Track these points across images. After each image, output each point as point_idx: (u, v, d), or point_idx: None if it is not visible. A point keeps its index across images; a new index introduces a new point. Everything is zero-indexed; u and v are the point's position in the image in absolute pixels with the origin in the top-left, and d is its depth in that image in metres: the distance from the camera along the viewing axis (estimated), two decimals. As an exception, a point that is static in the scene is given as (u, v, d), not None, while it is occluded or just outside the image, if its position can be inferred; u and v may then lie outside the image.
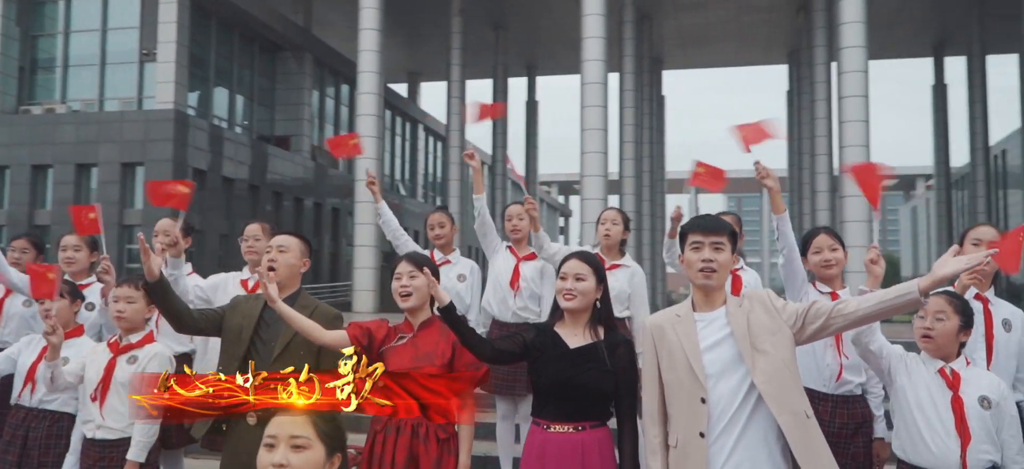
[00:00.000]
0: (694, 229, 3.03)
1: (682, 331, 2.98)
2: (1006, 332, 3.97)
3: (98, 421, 4.01)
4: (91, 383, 4.06)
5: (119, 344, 4.14)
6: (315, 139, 30.65)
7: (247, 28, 27.09)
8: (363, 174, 20.20)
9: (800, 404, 2.83)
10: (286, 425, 1.97)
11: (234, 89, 27.15)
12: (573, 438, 3.20)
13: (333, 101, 32.60)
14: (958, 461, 3.22)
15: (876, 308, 2.84)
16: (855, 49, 17.57)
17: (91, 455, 4.01)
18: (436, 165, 43.56)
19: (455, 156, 28.22)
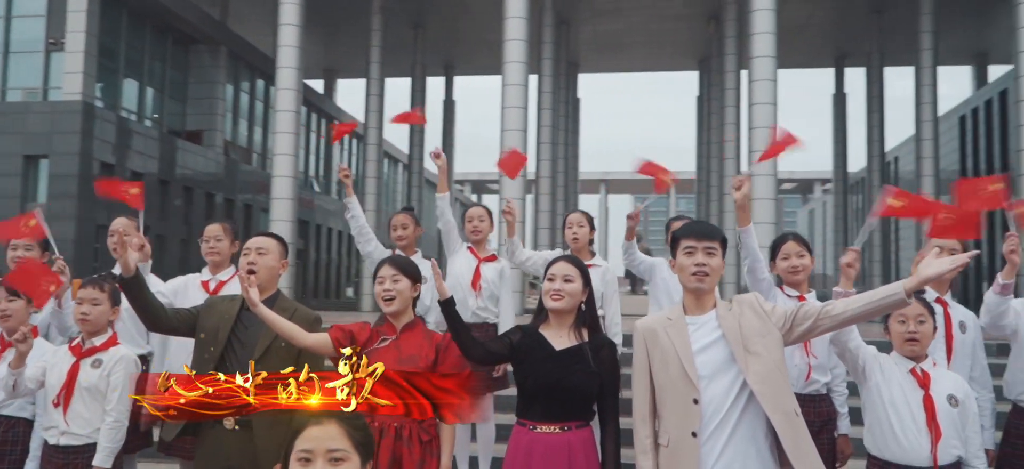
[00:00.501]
0: (687, 235, 3.16)
1: (674, 334, 3.10)
2: (962, 333, 4.27)
3: (62, 427, 3.92)
4: (53, 388, 3.95)
5: (82, 347, 4.03)
6: (228, 134, 30.06)
7: (160, 19, 26.37)
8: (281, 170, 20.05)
9: (790, 404, 3.00)
10: (323, 439, 1.93)
11: (145, 81, 26.39)
12: (560, 438, 3.29)
13: (248, 96, 31.99)
14: (929, 456, 3.40)
15: (863, 309, 2.98)
16: (765, 59, 18.32)
17: (55, 461, 3.92)
18: (351, 163, 43.18)
19: (373, 154, 28.07)
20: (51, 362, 4.05)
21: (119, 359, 4.04)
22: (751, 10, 18.77)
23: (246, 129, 32.02)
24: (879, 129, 30.42)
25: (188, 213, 26.43)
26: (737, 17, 26.35)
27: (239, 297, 3.82)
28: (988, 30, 30.89)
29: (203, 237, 5.05)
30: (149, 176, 24.50)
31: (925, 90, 25.58)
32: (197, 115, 28.85)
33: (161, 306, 3.82)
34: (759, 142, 18.47)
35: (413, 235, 5.75)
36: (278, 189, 20.21)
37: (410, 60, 32.54)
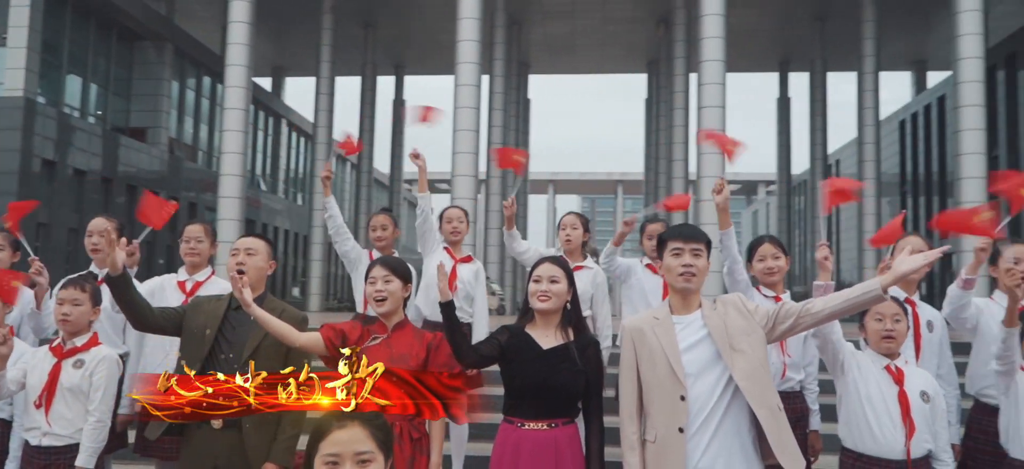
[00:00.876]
0: (674, 237, 3.25)
1: (662, 333, 3.19)
2: (930, 332, 4.40)
3: (44, 428, 3.89)
4: (34, 389, 3.92)
5: (63, 348, 4.00)
6: (173, 131, 29.49)
7: (105, 15, 25.77)
8: (229, 168, 19.75)
9: (774, 399, 3.12)
10: (349, 443, 1.93)
11: (89, 78, 25.75)
12: (547, 435, 3.37)
13: (194, 93, 31.44)
14: (903, 449, 3.52)
15: (842, 306, 3.09)
16: (714, 63, 18.61)
17: (37, 462, 3.90)
18: (299, 161, 42.72)
19: (322, 153, 27.82)
20: (31, 363, 4.02)
21: (101, 359, 4.02)
22: (700, 15, 19.05)
23: (192, 126, 31.46)
24: (822, 132, 31.08)
25: (131, 212, 25.85)
26: (686, 21, 26.71)
27: (226, 297, 3.88)
28: (927, 38, 31.83)
29: (184, 237, 5.01)
30: (92, 174, 23.96)
31: (867, 95, 26.23)
32: (141, 112, 28.24)
33: (147, 304, 3.82)
34: (709, 145, 18.77)
35: (392, 236, 5.86)
36: (226, 188, 19.91)
37: (360, 59, 32.33)
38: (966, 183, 17.86)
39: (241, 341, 3.76)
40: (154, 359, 4.71)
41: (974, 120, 17.91)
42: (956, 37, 18.28)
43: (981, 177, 17.87)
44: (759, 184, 74.04)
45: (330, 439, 1.94)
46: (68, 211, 22.97)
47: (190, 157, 31.01)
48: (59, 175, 22.51)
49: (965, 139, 17.98)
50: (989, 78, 28.42)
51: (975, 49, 17.99)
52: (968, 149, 17.93)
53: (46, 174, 22.11)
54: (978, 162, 17.89)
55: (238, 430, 3.62)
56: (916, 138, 34.82)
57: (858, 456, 3.66)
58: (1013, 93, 27.49)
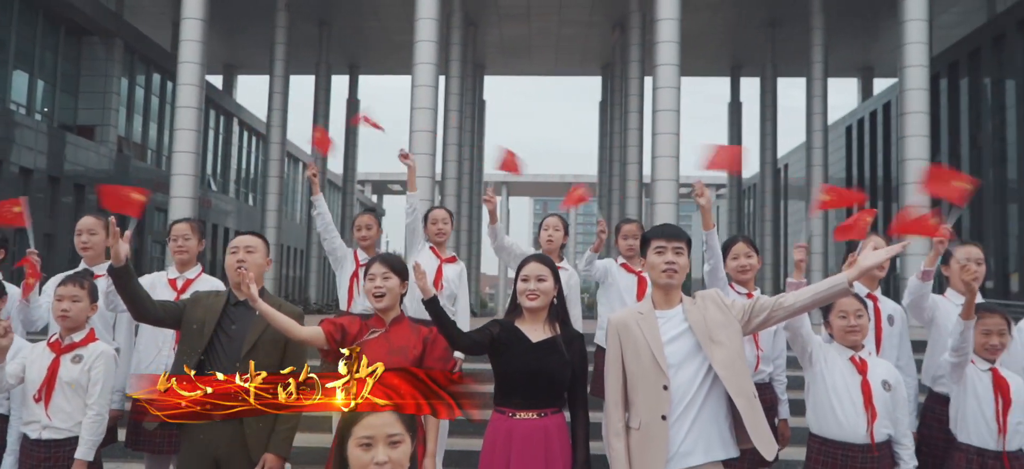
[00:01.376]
0: (657, 236, 3.47)
1: (645, 326, 3.39)
2: (890, 326, 4.72)
3: (44, 422, 3.97)
4: (33, 384, 3.99)
5: (61, 343, 4.08)
6: (122, 130, 28.91)
7: (52, 9, 25.18)
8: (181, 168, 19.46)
9: (750, 388, 3.35)
10: (382, 426, 2.13)
11: (35, 74, 25.14)
12: (537, 424, 3.54)
13: (143, 90, 30.84)
14: (866, 434, 3.79)
15: (811, 299, 3.36)
16: (669, 67, 18.86)
17: (36, 455, 3.97)
18: (250, 161, 42.18)
19: (276, 153, 27.54)
20: (30, 358, 4.10)
21: (99, 354, 4.10)
22: (655, 19, 19.30)
23: (141, 124, 30.86)
24: (772, 137, 31.63)
25: (79, 211, 25.31)
26: (641, 25, 27.00)
27: (224, 292, 4.06)
28: (874, 45, 32.61)
29: (171, 235, 5.07)
30: (38, 172, 23.41)
31: (816, 101, 26.78)
32: (89, 109, 27.65)
33: (148, 296, 3.92)
34: (662, 148, 19.03)
35: (375, 235, 6.02)
36: (178, 187, 19.61)
37: (314, 58, 32.08)
38: (912, 188, 18.35)
39: (240, 335, 3.90)
40: (147, 355, 4.81)
41: (918, 127, 18.41)
42: (902, 45, 18.79)
43: (925, 182, 18.37)
44: (709, 188, 75.11)
45: (364, 423, 2.13)
46: (13, 210, 22.37)
47: (139, 156, 30.44)
48: (5, 174, 21.94)
49: (910, 145, 18.48)
50: (933, 86, 29.27)
51: (920, 57, 18.50)
52: (913, 155, 18.43)
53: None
54: (922, 168, 18.39)
55: (238, 422, 3.72)
56: (863, 143, 35.61)
57: (824, 441, 3.91)
58: (955, 101, 28.30)
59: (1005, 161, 25.02)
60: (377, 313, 3.87)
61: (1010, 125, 24.77)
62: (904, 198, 18.56)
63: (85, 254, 5.07)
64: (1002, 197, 25.23)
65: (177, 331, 4.10)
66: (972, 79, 27.30)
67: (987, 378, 4.14)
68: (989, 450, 4.07)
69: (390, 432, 2.13)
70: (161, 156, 32.26)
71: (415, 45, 19.74)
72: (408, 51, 20.79)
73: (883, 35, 30.20)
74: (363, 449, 2.13)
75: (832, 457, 3.88)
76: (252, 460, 3.81)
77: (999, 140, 25.39)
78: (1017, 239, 24.32)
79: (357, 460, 2.13)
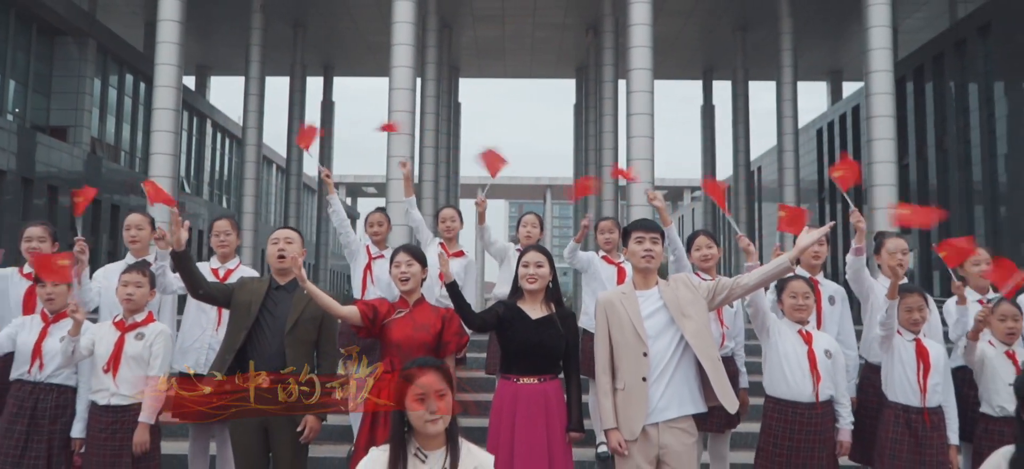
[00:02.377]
0: (637, 229, 4.23)
1: (628, 304, 4.11)
2: (831, 306, 5.55)
3: (111, 390, 4.65)
4: (102, 357, 4.66)
5: (125, 323, 4.77)
6: (95, 130, 28.76)
7: (24, 8, 25.03)
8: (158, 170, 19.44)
9: (715, 353, 4.11)
10: (432, 383, 2.79)
11: (7, 74, 24.97)
12: (538, 388, 4.26)
13: (116, 91, 30.69)
14: (811, 393, 4.65)
15: (762, 278, 4.18)
16: (642, 71, 19.14)
17: (103, 420, 4.63)
18: (224, 163, 42.04)
19: (252, 155, 27.51)
20: (98, 335, 4.74)
21: (159, 333, 4.80)
22: (628, 24, 19.58)
23: (114, 125, 30.69)
24: (744, 139, 32.09)
25: (52, 213, 25.17)
26: (615, 29, 27.31)
27: (266, 278, 4.76)
28: (842, 50, 33.21)
29: (213, 231, 5.86)
30: (10, 174, 23.26)
31: (786, 104, 27.25)
32: (62, 110, 27.49)
33: (203, 277, 4.72)
34: (637, 150, 19.33)
35: (386, 231, 6.76)
36: (155, 189, 19.59)
37: (289, 59, 32.08)
38: (878, 190, 18.78)
39: (283, 315, 4.54)
40: (191, 335, 5.57)
41: (884, 130, 18.84)
42: (867, 51, 19.21)
43: (892, 184, 18.84)
44: (685, 190, 75.68)
45: (419, 382, 2.80)
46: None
47: (113, 157, 30.29)
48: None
49: (877, 148, 18.91)
50: (899, 89, 29.86)
51: (884, 63, 18.93)
52: (880, 158, 18.86)
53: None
54: (889, 170, 18.84)
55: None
56: (832, 145, 36.21)
57: (778, 401, 4.77)
58: (921, 104, 28.92)
59: (969, 163, 25.63)
60: (402, 295, 4.55)
61: (973, 128, 25.38)
62: (873, 201, 18.97)
63: (133, 247, 5.75)
64: (967, 198, 25.84)
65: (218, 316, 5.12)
66: (936, 83, 27.93)
67: (911, 347, 4.91)
68: (913, 406, 4.85)
69: (437, 387, 2.79)
70: (135, 157, 32.11)
71: (392, 49, 19.88)
72: (382, 52, 20.93)
73: (851, 39, 30.78)
74: (418, 401, 2.77)
75: (784, 413, 4.71)
76: (295, 422, 4.39)
77: (964, 143, 26.01)
78: (983, 239, 24.92)
79: (415, 412, 2.77)
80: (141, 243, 5.71)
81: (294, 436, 4.43)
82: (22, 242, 5.37)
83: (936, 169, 27.88)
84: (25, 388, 4.80)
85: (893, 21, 19.17)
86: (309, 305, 4.52)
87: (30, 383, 4.80)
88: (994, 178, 24.26)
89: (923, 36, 30.21)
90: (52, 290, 4.84)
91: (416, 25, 20.55)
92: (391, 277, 4.63)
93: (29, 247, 5.33)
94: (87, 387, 4.79)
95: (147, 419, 4.61)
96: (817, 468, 4.63)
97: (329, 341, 4.68)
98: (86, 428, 4.73)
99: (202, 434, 5.53)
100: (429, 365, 2.87)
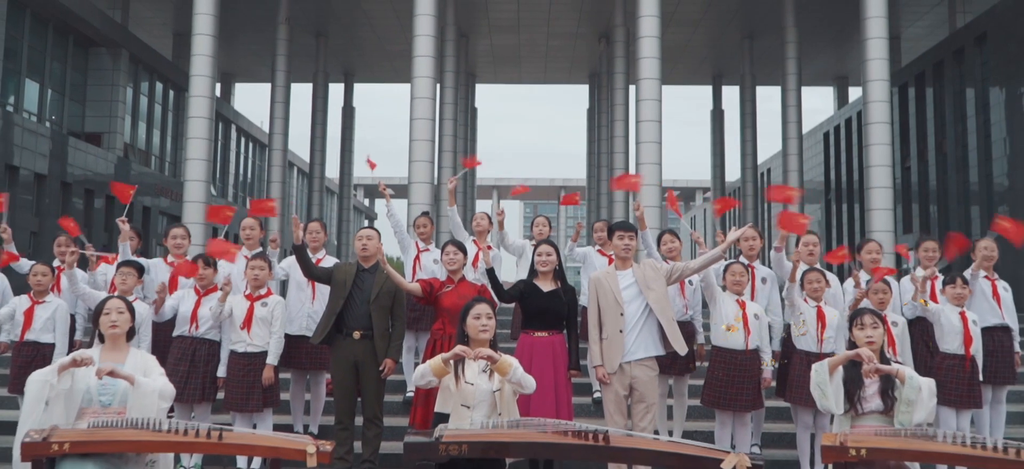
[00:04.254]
0: (619, 228, 6.13)
1: (610, 280, 6.01)
2: (763, 284, 7.41)
3: (247, 341, 6.65)
4: (239, 319, 6.66)
5: (253, 296, 6.76)
6: (127, 136, 30.07)
7: (61, 22, 26.36)
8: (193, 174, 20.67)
9: (670, 314, 6.01)
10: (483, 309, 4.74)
11: (46, 83, 26.30)
12: (548, 339, 6.03)
13: (147, 98, 32.01)
14: (743, 344, 6.60)
15: (702, 264, 6.21)
16: (650, 81, 20.15)
17: (240, 362, 6.63)
18: (247, 166, 43.33)
19: (278, 159, 28.73)
20: (235, 303, 6.69)
21: (277, 302, 6.80)
22: (638, 36, 20.62)
23: (145, 130, 32.00)
24: (752, 143, 33.06)
25: (88, 214, 26.44)
26: (625, 38, 28.34)
27: (354, 263, 6.66)
28: (847, 56, 34.10)
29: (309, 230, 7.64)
30: (52, 178, 24.55)
31: (790, 110, 28.21)
32: (96, 117, 28.81)
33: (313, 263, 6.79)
34: (645, 156, 20.35)
35: (431, 230, 8.57)
36: (191, 193, 20.82)
37: (312, 68, 33.32)
38: (875, 192, 19.77)
39: (367, 289, 6.45)
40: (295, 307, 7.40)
41: (881, 136, 19.83)
42: (865, 61, 20.21)
43: (888, 187, 19.83)
44: (697, 191, 76.66)
45: (475, 309, 4.73)
46: (28, 214, 23.56)
47: (144, 162, 31.59)
48: (20, 179, 23.09)
49: (873, 153, 19.90)
50: (902, 95, 30.74)
51: (881, 72, 19.92)
52: (876, 162, 19.84)
53: (9, 179, 22.71)
54: (885, 173, 19.82)
55: (370, 339, 6.40)
56: (838, 148, 37.07)
57: (719, 348, 6.70)
58: (922, 109, 29.80)
59: (967, 166, 26.52)
60: (449, 275, 6.65)
61: (970, 132, 26.28)
62: (870, 202, 19.94)
63: (248, 243, 7.76)
64: (965, 199, 26.72)
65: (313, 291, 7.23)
66: (936, 89, 28.81)
67: (814, 312, 6.71)
68: (813, 351, 6.59)
69: (487, 311, 4.74)
70: (164, 161, 33.41)
71: (414, 60, 20.93)
72: (401, 59, 22.08)
73: (855, 47, 31.65)
74: (475, 319, 4.70)
75: (723, 357, 6.65)
76: (378, 363, 6.36)
77: (961, 146, 26.89)
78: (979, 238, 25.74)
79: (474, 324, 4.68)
80: (253, 240, 7.76)
81: (377, 374, 6.40)
82: (169, 239, 7.68)
83: (936, 171, 28.78)
84: (185, 342, 6.76)
85: (896, 29, 20.15)
86: (386, 282, 6.42)
87: (189, 338, 6.77)
88: (990, 179, 25.15)
89: (925, 43, 31.09)
90: (203, 271, 6.82)
91: (436, 37, 21.64)
92: (442, 261, 6.70)
93: (176, 242, 7.60)
94: (228, 340, 6.76)
95: (272, 361, 6.61)
96: (746, 397, 6.53)
97: (400, 307, 6.60)
98: (227, 369, 6.65)
99: (300, 377, 7.57)
100: (481, 301, 4.83)
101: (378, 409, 6.47)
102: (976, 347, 6.94)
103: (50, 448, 3.79)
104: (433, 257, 8.18)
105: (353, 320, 6.37)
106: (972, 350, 6.91)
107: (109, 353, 4.52)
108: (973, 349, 6.91)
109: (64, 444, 3.81)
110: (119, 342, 4.60)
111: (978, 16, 26.09)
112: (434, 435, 4.03)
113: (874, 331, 4.72)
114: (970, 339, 6.92)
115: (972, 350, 6.91)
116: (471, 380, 4.57)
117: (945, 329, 7.02)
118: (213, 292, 6.77)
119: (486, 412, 4.52)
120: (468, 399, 4.54)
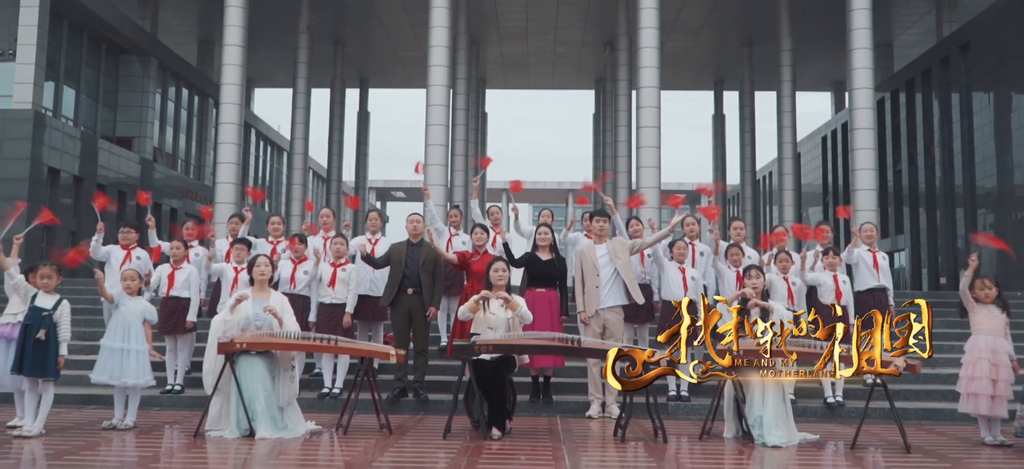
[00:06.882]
0: (595, 215, 8.75)
1: (590, 251, 8.10)
2: (701, 257, 9.68)
3: (331, 296, 8.92)
4: (325, 279, 8.94)
5: (335, 263, 9.04)
6: (156, 140, 31.62)
7: (95, 31, 27.93)
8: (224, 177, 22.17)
9: (631, 275, 8.26)
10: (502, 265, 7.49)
11: (81, 90, 27.88)
12: (545, 294, 8.50)
13: (173, 104, 33.58)
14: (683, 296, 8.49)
15: (654, 240, 8.92)
16: (651, 89, 21.53)
17: (326, 312, 8.90)
18: (266, 169, 44.87)
19: (299, 162, 30.23)
20: (322, 268, 9.02)
21: (353, 268, 9.01)
22: (639, 47, 22.03)
23: (172, 135, 33.54)
24: (751, 148, 34.41)
25: (120, 213, 27.92)
26: (629, 46, 29.70)
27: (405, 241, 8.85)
28: (843, 63, 35.14)
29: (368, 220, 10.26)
30: (87, 181, 26.08)
31: (786, 116, 29.55)
32: (127, 122, 30.36)
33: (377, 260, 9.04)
34: (645, 160, 21.75)
35: (460, 220, 10.80)
36: (221, 194, 22.35)
37: (329, 74, 34.85)
38: (860, 194, 21.15)
39: (417, 258, 8.66)
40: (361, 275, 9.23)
41: (866, 141, 21.22)
42: (850, 71, 21.61)
43: (872, 189, 21.22)
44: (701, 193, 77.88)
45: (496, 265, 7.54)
46: (67, 215, 25.10)
47: (171, 165, 33.14)
48: (60, 181, 24.66)
49: (859, 157, 21.29)
50: (894, 101, 32.02)
51: (865, 81, 21.32)
52: (861, 166, 21.23)
53: (50, 181, 24.30)
54: (870, 176, 21.20)
55: (420, 294, 8.63)
56: (835, 152, 38.34)
57: (666, 302, 8.94)
58: (912, 114, 31.10)
59: (952, 169, 27.84)
60: (477, 248, 9.28)
61: (955, 137, 27.62)
62: (857, 203, 21.29)
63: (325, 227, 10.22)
64: (951, 201, 28.04)
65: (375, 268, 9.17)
66: (924, 95, 30.13)
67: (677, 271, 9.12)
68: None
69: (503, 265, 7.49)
70: (189, 164, 34.99)
71: (429, 69, 22.34)
72: (414, 66, 23.32)
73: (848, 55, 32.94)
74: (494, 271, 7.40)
75: (670, 309, 8.48)
76: (425, 311, 8.57)
77: (948, 151, 28.21)
78: (965, 239, 27.11)
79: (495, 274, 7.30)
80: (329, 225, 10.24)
81: (425, 319, 8.64)
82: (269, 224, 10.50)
83: (925, 173, 30.06)
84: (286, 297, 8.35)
85: (889, 36, 21.30)
86: (430, 251, 8.78)
87: (289, 294, 8.63)
88: (974, 182, 26.47)
89: (917, 51, 32.37)
90: (299, 246, 9.15)
91: (449, 48, 23.03)
92: (471, 238, 9.52)
93: (274, 227, 10.37)
94: (317, 294, 9.07)
95: (350, 309, 8.86)
96: None
97: (440, 271, 8.91)
98: (316, 315, 8.87)
99: (365, 326, 9.58)
100: (499, 258, 7.50)
101: (424, 344, 8.77)
102: (847, 299, 9.12)
103: (234, 345, 6.82)
104: (462, 240, 10.18)
105: (407, 281, 8.61)
106: (843, 302, 9.00)
107: (258, 293, 7.25)
108: (843, 301, 9.03)
109: (243, 343, 6.85)
110: (264, 286, 7.33)
111: (962, 26, 27.43)
112: (470, 340, 6.86)
113: (757, 280, 7.63)
114: (840, 294, 9.14)
115: (843, 302, 9.00)
116: (494, 311, 7.22)
117: (821, 288, 9.24)
118: (304, 261, 9.09)
119: (503, 332, 7.11)
120: (491, 324, 7.17)
